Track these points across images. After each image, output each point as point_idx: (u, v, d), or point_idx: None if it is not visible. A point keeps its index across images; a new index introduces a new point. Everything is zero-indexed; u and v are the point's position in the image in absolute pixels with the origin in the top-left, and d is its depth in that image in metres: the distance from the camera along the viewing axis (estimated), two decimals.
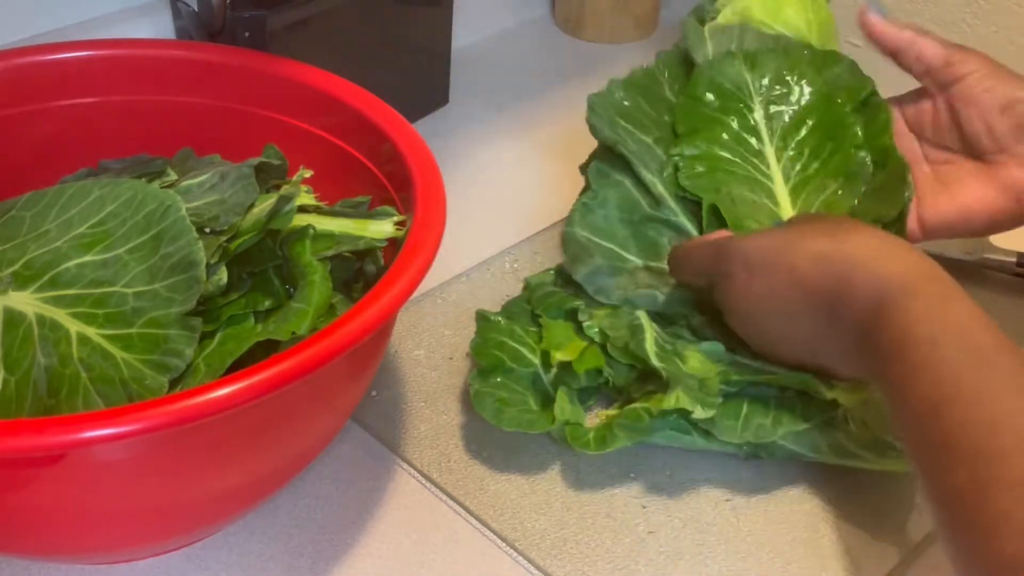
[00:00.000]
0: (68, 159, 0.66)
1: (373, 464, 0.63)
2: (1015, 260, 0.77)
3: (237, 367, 0.49)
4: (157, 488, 0.48)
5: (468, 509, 0.60)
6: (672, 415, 0.61)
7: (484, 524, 0.59)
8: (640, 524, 0.60)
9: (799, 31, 0.75)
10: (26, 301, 0.51)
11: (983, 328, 0.51)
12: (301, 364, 0.45)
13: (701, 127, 0.71)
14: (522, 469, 0.62)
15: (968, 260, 0.78)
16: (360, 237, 0.58)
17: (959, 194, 0.67)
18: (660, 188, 0.69)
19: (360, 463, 0.62)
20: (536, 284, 0.71)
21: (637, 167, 0.69)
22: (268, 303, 0.54)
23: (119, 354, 0.50)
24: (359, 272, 0.60)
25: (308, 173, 0.59)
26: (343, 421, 0.58)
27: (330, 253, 0.56)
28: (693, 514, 0.60)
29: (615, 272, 0.69)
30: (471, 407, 0.63)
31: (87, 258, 0.52)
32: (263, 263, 0.55)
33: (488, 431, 0.63)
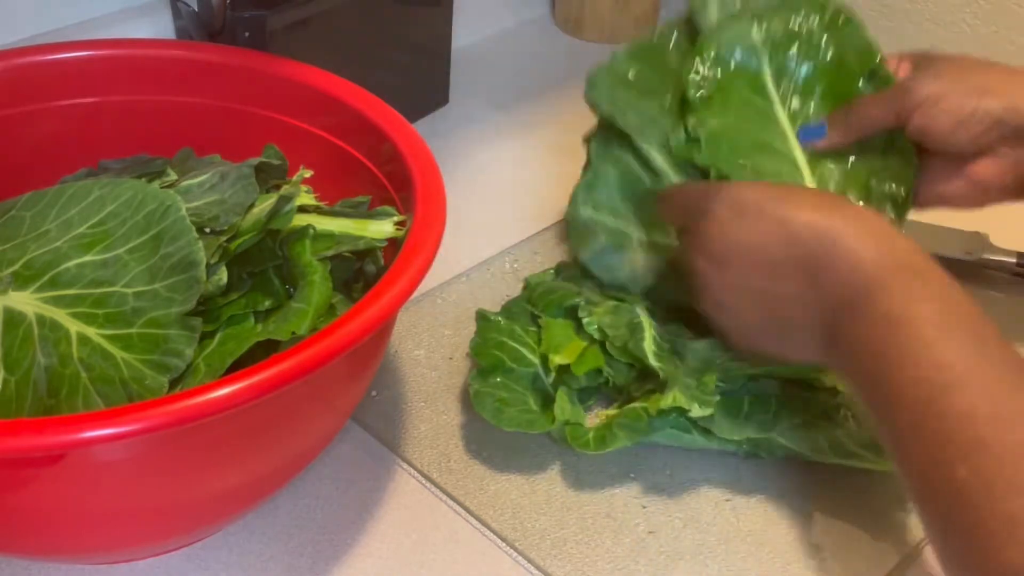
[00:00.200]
0: (68, 159, 0.66)
1: (373, 464, 0.63)
2: (1015, 260, 0.77)
3: (237, 367, 0.49)
4: (157, 488, 0.48)
5: (468, 509, 0.60)
6: (671, 414, 0.61)
7: (484, 524, 0.59)
8: (640, 524, 0.60)
9: None
10: (26, 301, 0.51)
11: (979, 316, 0.50)
12: (301, 364, 0.45)
13: (712, 94, 0.69)
14: (522, 469, 0.62)
15: (968, 260, 0.78)
16: (360, 237, 0.58)
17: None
18: (660, 161, 0.68)
19: (360, 463, 0.62)
20: (536, 283, 0.71)
21: (636, 140, 0.68)
22: (268, 303, 0.54)
23: (119, 354, 0.50)
24: (359, 272, 0.60)
25: (308, 173, 0.59)
26: (343, 421, 0.58)
27: (330, 253, 0.56)
28: (693, 514, 0.60)
29: (620, 249, 0.69)
30: (471, 407, 0.63)
31: (87, 258, 0.52)
32: (263, 263, 0.55)
33: (488, 431, 0.63)
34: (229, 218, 0.54)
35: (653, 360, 0.62)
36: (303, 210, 0.58)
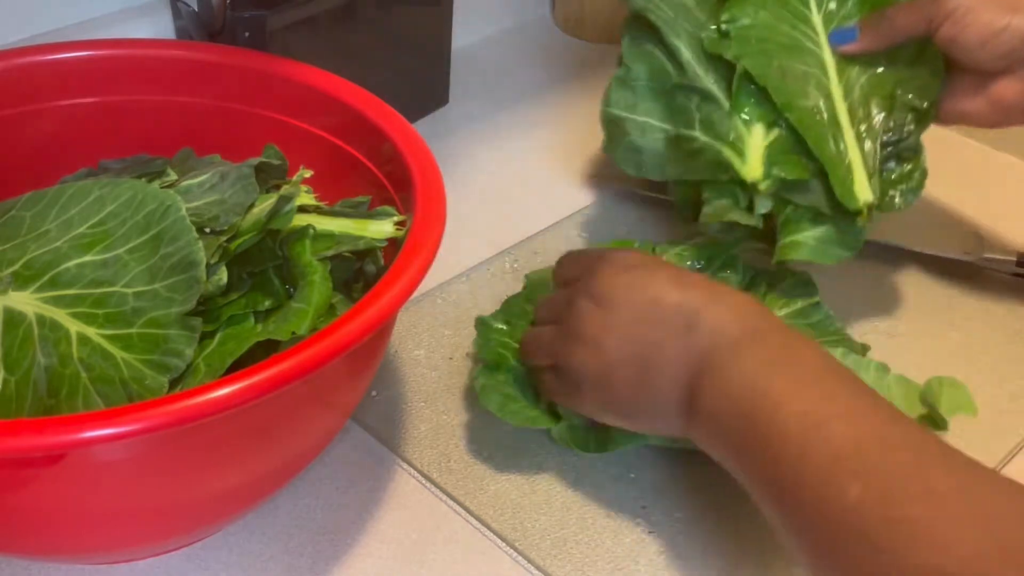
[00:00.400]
0: (68, 159, 0.66)
1: (373, 464, 0.63)
2: (1015, 260, 0.77)
3: (237, 367, 0.49)
4: (157, 488, 0.48)
5: (468, 509, 0.60)
6: None
7: (484, 524, 0.59)
8: (640, 524, 0.60)
9: None
10: (26, 301, 0.51)
11: (845, 367, 0.52)
12: (301, 364, 0.45)
13: None
14: (522, 469, 0.62)
15: (968, 260, 0.78)
16: (360, 237, 0.58)
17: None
18: (686, 54, 0.70)
19: (360, 463, 0.62)
20: (536, 280, 0.71)
21: (666, 34, 0.70)
22: (268, 303, 0.54)
23: (119, 354, 0.50)
24: (359, 272, 0.60)
25: (308, 173, 0.59)
26: (343, 421, 0.58)
27: (330, 253, 0.56)
28: (693, 514, 0.60)
29: (647, 145, 0.71)
30: (471, 407, 0.63)
31: (87, 258, 0.52)
32: (263, 263, 0.55)
33: (488, 431, 0.63)
34: (229, 218, 0.54)
35: None
36: (303, 210, 0.58)
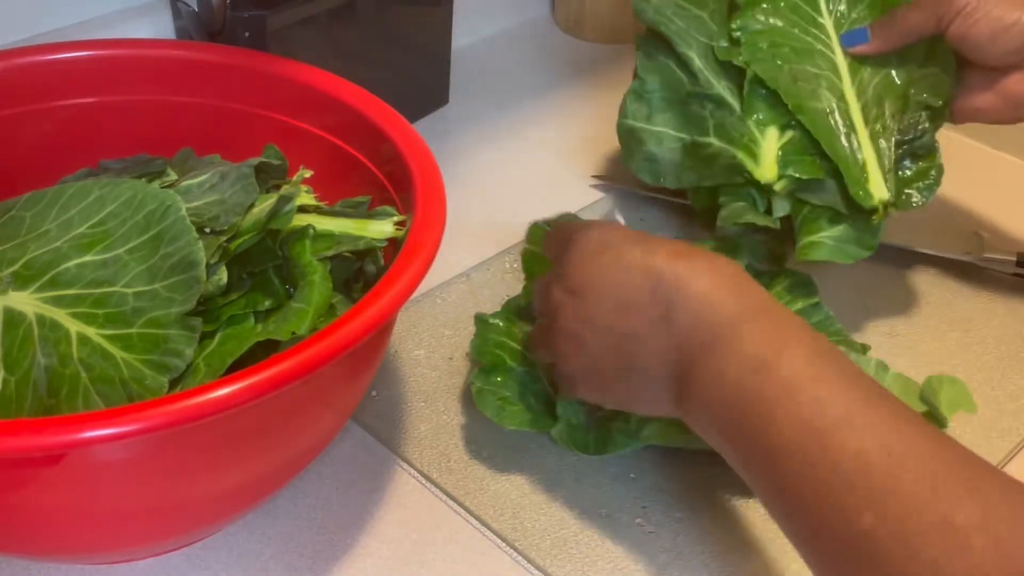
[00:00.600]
0: (68, 159, 0.66)
1: (373, 464, 0.63)
2: (1015, 260, 0.77)
3: (237, 367, 0.49)
4: (157, 488, 0.48)
5: (468, 509, 0.60)
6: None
7: (484, 524, 0.59)
8: (640, 524, 0.60)
9: None
10: (26, 301, 0.51)
11: (842, 355, 0.48)
12: (301, 364, 0.45)
13: None
14: (522, 469, 0.62)
15: (968, 260, 0.78)
16: (360, 237, 0.58)
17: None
18: (698, 63, 0.71)
19: (360, 463, 0.62)
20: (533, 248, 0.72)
21: (677, 45, 0.71)
22: (268, 303, 0.54)
23: (119, 354, 0.50)
24: (359, 272, 0.60)
25: (308, 173, 0.59)
26: (343, 421, 0.58)
27: (330, 253, 0.56)
28: (693, 514, 0.60)
29: (664, 154, 0.73)
30: (471, 407, 0.63)
31: (87, 258, 0.52)
32: (263, 263, 0.55)
33: (488, 431, 0.63)
34: (229, 218, 0.54)
35: None
36: (303, 210, 0.58)
